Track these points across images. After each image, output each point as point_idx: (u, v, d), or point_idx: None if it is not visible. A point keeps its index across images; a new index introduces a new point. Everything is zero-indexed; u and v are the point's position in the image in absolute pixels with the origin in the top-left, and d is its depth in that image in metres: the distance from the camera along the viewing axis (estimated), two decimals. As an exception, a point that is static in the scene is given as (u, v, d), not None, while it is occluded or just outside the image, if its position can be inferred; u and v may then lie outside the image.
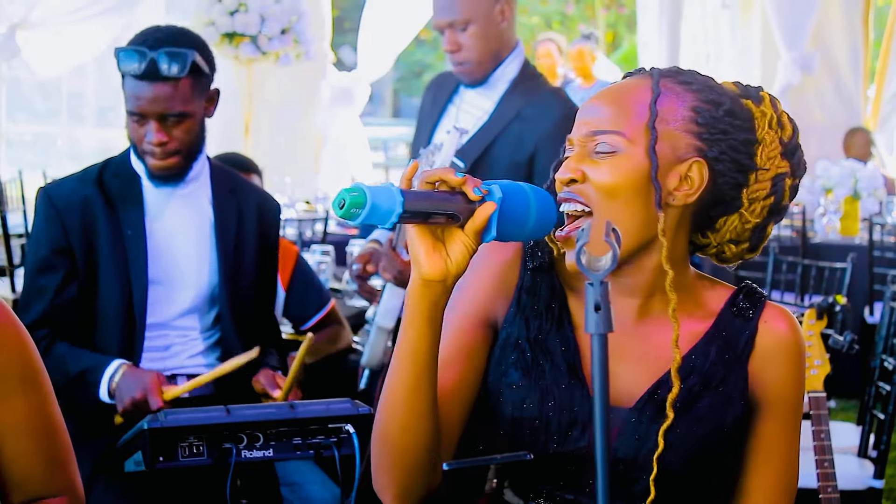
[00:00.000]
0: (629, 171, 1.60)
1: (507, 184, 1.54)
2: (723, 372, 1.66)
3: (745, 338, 1.68)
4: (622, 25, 21.07)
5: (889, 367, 3.63)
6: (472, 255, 1.53)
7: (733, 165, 1.64)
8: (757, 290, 1.72)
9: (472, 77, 3.32)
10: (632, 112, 1.62)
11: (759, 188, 1.66)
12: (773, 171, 1.66)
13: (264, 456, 2.35)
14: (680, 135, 1.62)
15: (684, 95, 1.64)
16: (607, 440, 1.31)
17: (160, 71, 2.73)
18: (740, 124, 1.64)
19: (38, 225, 2.84)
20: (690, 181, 1.62)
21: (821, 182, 6.91)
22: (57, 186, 2.89)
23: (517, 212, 1.53)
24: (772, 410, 1.68)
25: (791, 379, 1.69)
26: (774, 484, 1.69)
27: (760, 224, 1.69)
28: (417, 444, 1.59)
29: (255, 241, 2.95)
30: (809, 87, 9.17)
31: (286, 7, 7.57)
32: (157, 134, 2.75)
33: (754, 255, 1.72)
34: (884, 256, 6.36)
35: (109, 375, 2.72)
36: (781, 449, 1.69)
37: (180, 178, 2.85)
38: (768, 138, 1.66)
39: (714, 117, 1.63)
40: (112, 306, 2.79)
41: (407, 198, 1.45)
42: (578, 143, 1.64)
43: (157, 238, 2.84)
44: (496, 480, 1.67)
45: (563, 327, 1.68)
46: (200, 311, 2.88)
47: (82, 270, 2.79)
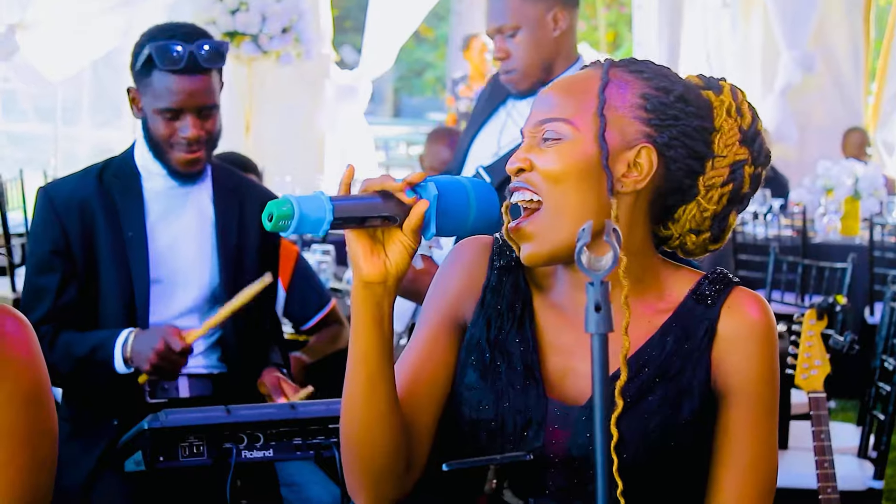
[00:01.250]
0: (575, 157, 1.59)
1: (443, 179, 1.55)
2: (680, 363, 1.62)
3: (704, 326, 1.63)
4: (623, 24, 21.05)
5: (889, 368, 3.63)
6: (412, 253, 1.54)
7: (686, 152, 1.61)
8: (726, 275, 1.67)
9: (519, 86, 3.16)
10: (579, 100, 1.61)
11: (716, 175, 1.63)
12: (730, 158, 1.64)
13: (264, 456, 2.35)
14: (628, 120, 1.60)
15: (634, 83, 1.62)
16: (607, 440, 1.31)
17: (201, 63, 2.73)
18: (693, 111, 1.62)
19: (37, 225, 2.84)
20: (639, 167, 1.60)
21: (821, 182, 6.91)
22: (56, 186, 2.88)
23: (456, 207, 1.53)
24: (737, 399, 1.62)
25: (757, 365, 1.62)
26: (744, 476, 1.62)
27: (720, 213, 1.65)
28: (382, 446, 1.60)
29: (257, 240, 2.95)
30: (810, 87, 9.16)
31: (287, 6, 7.57)
32: (193, 128, 2.75)
33: (719, 245, 1.68)
34: (884, 256, 6.35)
35: (122, 344, 2.70)
36: (750, 439, 1.62)
37: (202, 174, 2.86)
38: (726, 126, 1.64)
39: (664, 103, 1.61)
40: (113, 307, 2.79)
41: (336, 205, 1.46)
42: (528, 135, 1.64)
43: (158, 238, 2.84)
44: (496, 480, 1.67)
45: (523, 327, 1.66)
46: (201, 310, 2.88)
47: (82, 271, 2.79)
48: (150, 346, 2.66)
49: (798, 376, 2.77)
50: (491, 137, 3.30)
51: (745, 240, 6.83)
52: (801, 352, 2.78)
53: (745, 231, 6.85)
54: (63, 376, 2.76)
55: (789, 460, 3.70)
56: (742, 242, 6.81)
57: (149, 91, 2.76)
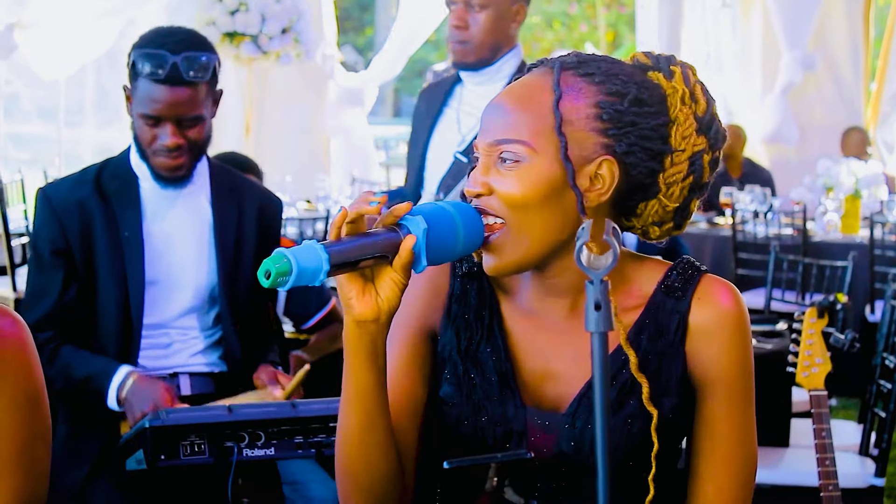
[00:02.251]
0: (535, 182, 1.54)
1: (430, 210, 1.52)
2: (656, 361, 1.60)
3: (676, 320, 1.60)
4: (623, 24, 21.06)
5: (890, 366, 3.62)
6: (403, 289, 1.51)
7: (645, 155, 1.57)
8: (692, 263, 1.65)
9: (467, 59, 3.34)
10: (534, 117, 1.55)
11: (676, 171, 1.59)
12: (689, 150, 1.59)
13: (266, 455, 2.35)
14: (585, 134, 1.55)
15: (586, 90, 1.56)
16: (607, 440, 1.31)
17: (183, 76, 2.72)
18: (649, 110, 1.57)
19: (37, 226, 2.85)
20: (602, 179, 1.56)
21: (822, 180, 6.91)
22: (55, 187, 2.89)
23: (444, 236, 1.52)
24: (714, 390, 1.60)
25: (731, 354, 1.60)
26: (723, 466, 1.60)
27: (682, 205, 1.62)
28: (382, 477, 1.59)
29: (256, 239, 2.95)
30: (810, 86, 9.16)
31: (287, 6, 7.57)
32: (172, 137, 2.75)
33: (681, 231, 1.65)
34: (885, 255, 6.35)
35: (118, 384, 2.70)
36: (728, 429, 1.61)
37: (186, 178, 2.85)
38: (682, 116, 1.59)
39: (619, 111, 1.55)
40: (110, 307, 2.79)
41: (332, 253, 1.45)
42: (483, 152, 1.58)
43: (155, 238, 2.84)
44: (496, 479, 1.67)
45: (493, 336, 1.64)
46: (200, 310, 2.88)
47: (81, 271, 2.79)
48: (142, 406, 2.65)
49: (799, 374, 2.77)
50: (450, 130, 3.41)
51: (746, 238, 6.82)
52: (801, 350, 2.78)
53: (746, 230, 6.85)
54: (57, 390, 2.75)
55: (790, 458, 3.71)
56: (742, 241, 6.81)
57: (135, 95, 2.78)
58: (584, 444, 1.57)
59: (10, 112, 8.02)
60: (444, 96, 3.48)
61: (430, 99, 3.54)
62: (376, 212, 1.49)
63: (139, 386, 2.68)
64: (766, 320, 4.26)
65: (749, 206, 6.97)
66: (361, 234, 1.49)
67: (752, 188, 7.33)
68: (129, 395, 2.68)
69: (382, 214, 1.51)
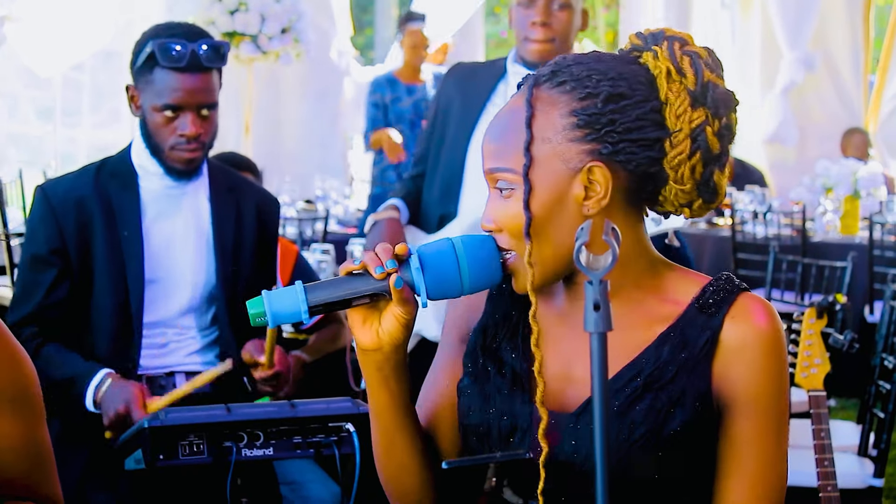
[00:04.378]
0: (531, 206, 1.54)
1: (429, 248, 1.56)
2: (673, 371, 1.56)
3: (705, 336, 1.56)
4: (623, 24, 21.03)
5: (889, 366, 3.63)
6: (407, 323, 1.55)
7: (637, 147, 1.53)
8: (733, 280, 1.60)
9: (544, 57, 3.20)
10: (516, 141, 1.55)
11: (678, 152, 1.54)
12: (686, 128, 1.54)
13: (264, 455, 2.35)
14: (566, 146, 1.53)
15: (559, 101, 1.54)
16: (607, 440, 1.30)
17: (203, 62, 2.75)
18: (628, 103, 1.53)
19: (33, 223, 2.85)
20: (597, 185, 1.53)
21: (821, 181, 6.91)
22: (53, 185, 2.89)
23: (444, 273, 1.55)
24: (743, 410, 1.56)
25: (763, 375, 1.55)
26: (750, 488, 1.58)
27: (700, 180, 1.57)
28: (409, 488, 1.66)
29: (254, 239, 2.95)
30: (810, 87, 9.16)
31: (287, 6, 7.57)
32: (192, 126, 2.77)
33: (716, 204, 1.60)
34: (884, 255, 6.35)
35: (95, 386, 2.71)
36: (757, 450, 1.58)
37: (198, 172, 2.86)
38: (672, 95, 1.54)
39: (594, 114, 1.52)
40: (107, 306, 2.79)
41: (310, 295, 1.53)
42: (488, 181, 1.59)
43: (154, 237, 2.84)
44: (496, 479, 1.67)
45: (516, 335, 1.65)
46: (198, 309, 2.88)
47: (76, 270, 2.79)
48: (114, 405, 2.65)
49: (798, 375, 2.78)
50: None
51: (745, 239, 6.82)
52: (800, 350, 2.78)
53: (745, 230, 6.85)
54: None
55: (789, 458, 3.70)
56: (742, 241, 6.81)
57: (149, 88, 2.77)
58: (583, 446, 1.56)
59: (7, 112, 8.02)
60: (489, 90, 3.35)
61: (468, 85, 3.41)
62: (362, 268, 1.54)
63: (112, 387, 2.68)
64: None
65: (748, 207, 6.97)
66: (350, 276, 1.55)
67: (751, 188, 7.33)
68: (103, 397, 2.68)
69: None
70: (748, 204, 7.02)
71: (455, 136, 3.38)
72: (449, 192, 3.35)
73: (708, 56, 1.58)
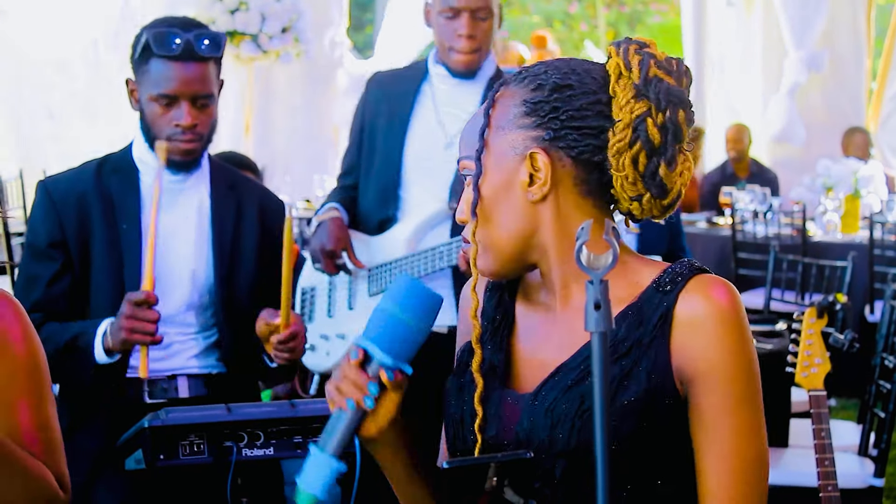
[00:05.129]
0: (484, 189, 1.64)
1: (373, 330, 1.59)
2: (627, 347, 1.59)
3: (660, 312, 1.58)
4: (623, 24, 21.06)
5: (889, 366, 3.63)
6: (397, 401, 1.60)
7: (579, 134, 1.60)
8: (691, 263, 1.63)
9: (472, 66, 3.39)
10: (476, 131, 1.66)
11: (618, 140, 1.60)
12: (626, 117, 1.60)
13: (265, 454, 2.35)
14: (516, 134, 1.63)
15: (514, 93, 1.64)
16: (607, 440, 1.31)
17: (197, 51, 2.75)
18: (574, 93, 1.61)
19: (35, 217, 2.85)
20: (538, 172, 1.62)
21: (822, 180, 6.91)
22: (55, 180, 2.89)
23: (400, 336, 1.59)
24: (707, 384, 1.56)
25: (721, 347, 1.56)
26: (728, 463, 1.56)
27: (645, 172, 1.61)
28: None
29: (256, 238, 2.94)
30: (812, 86, 9.16)
31: (287, 6, 7.57)
32: (187, 116, 2.77)
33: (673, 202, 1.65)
34: (884, 255, 6.35)
35: (102, 334, 2.68)
36: (729, 425, 1.56)
37: (196, 165, 2.86)
38: (618, 89, 1.61)
39: (539, 101, 1.62)
40: (104, 301, 2.78)
41: (328, 448, 1.57)
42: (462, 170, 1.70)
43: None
44: (496, 479, 1.67)
45: (497, 334, 1.72)
46: (198, 307, 2.88)
47: (76, 264, 2.79)
48: (119, 317, 2.64)
49: (798, 374, 2.78)
50: (431, 132, 3.43)
51: (745, 238, 6.83)
52: (801, 350, 2.78)
53: (745, 229, 6.86)
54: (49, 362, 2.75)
55: (790, 458, 3.71)
56: (742, 241, 6.81)
57: (146, 79, 2.78)
58: (538, 423, 1.60)
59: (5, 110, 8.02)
60: (413, 93, 3.47)
61: (392, 91, 3.52)
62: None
63: (115, 321, 2.66)
64: (766, 320, 4.26)
65: (749, 206, 6.97)
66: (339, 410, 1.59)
67: (752, 188, 7.33)
68: (112, 332, 2.66)
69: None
70: (748, 203, 7.03)
71: (386, 142, 3.47)
72: (386, 198, 3.44)
73: (665, 60, 1.64)
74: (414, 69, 3.57)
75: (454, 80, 3.43)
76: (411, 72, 3.56)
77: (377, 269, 3.42)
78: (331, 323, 3.55)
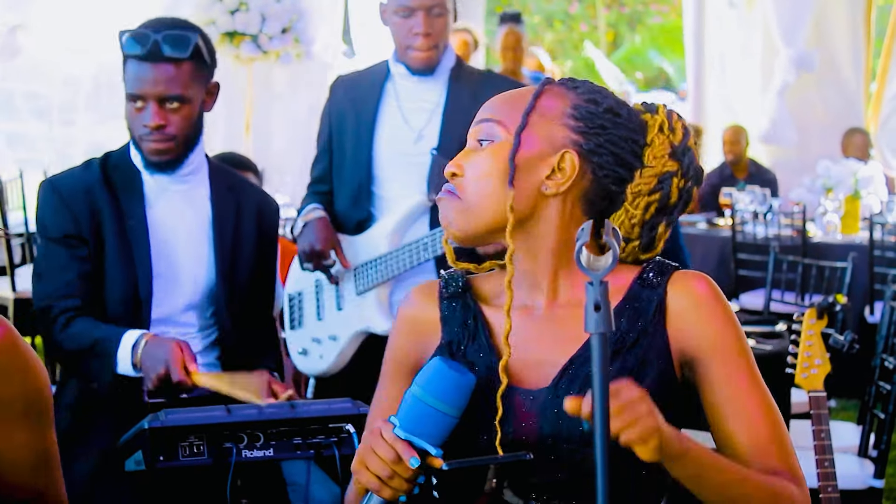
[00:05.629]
0: (500, 157, 1.69)
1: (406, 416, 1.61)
2: (635, 336, 1.69)
3: (654, 304, 1.70)
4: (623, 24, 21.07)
5: (889, 367, 3.63)
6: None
7: (613, 159, 1.70)
8: (667, 263, 1.75)
9: (431, 63, 3.42)
10: (515, 105, 1.72)
11: (643, 182, 1.71)
12: (658, 168, 1.72)
13: (265, 455, 2.35)
14: (557, 126, 1.70)
15: (566, 94, 1.73)
16: (607, 440, 1.32)
17: (163, 52, 2.75)
18: (622, 122, 1.71)
19: (44, 215, 2.84)
20: (563, 171, 1.69)
21: (821, 181, 6.91)
22: (60, 177, 2.90)
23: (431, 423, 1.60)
24: (713, 359, 1.69)
25: (717, 327, 1.69)
26: (751, 416, 1.67)
27: (648, 221, 1.74)
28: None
29: (254, 239, 2.95)
30: (811, 86, 9.15)
31: (287, 6, 7.56)
32: (154, 117, 2.76)
33: (650, 254, 1.76)
34: (884, 256, 6.35)
35: (130, 346, 2.66)
36: (745, 387, 1.68)
37: (175, 166, 2.84)
38: (657, 141, 1.73)
39: (592, 113, 1.70)
40: (117, 296, 2.79)
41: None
42: (470, 136, 1.74)
43: (157, 232, 2.84)
44: (496, 480, 1.67)
45: (478, 337, 1.75)
46: (199, 308, 2.88)
47: (93, 256, 2.79)
48: (156, 368, 2.60)
49: (798, 375, 2.77)
50: (398, 128, 3.45)
51: (745, 239, 6.83)
52: (801, 351, 2.78)
53: (745, 230, 6.86)
54: (72, 361, 2.75)
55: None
56: (742, 242, 6.81)
57: (124, 79, 2.80)
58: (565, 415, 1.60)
59: (6, 111, 8.02)
60: (377, 93, 3.50)
61: (356, 94, 3.56)
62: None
63: (151, 347, 2.64)
64: (766, 321, 4.26)
65: (749, 207, 6.97)
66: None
67: (752, 189, 7.33)
68: (142, 358, 2.64)
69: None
70: (748, 204, 7.03)
71: (355, 144, 3.50)
72: (360, 199, 3.48)
73: (695, 135, 1.78)
74: (376, 70, 3.59)
75: (415, 78, 3.46)
76: (373, 73, 3.58)
77: (362, 267, 3.44)
78: (321, 325, 3.56)
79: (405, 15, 3.38)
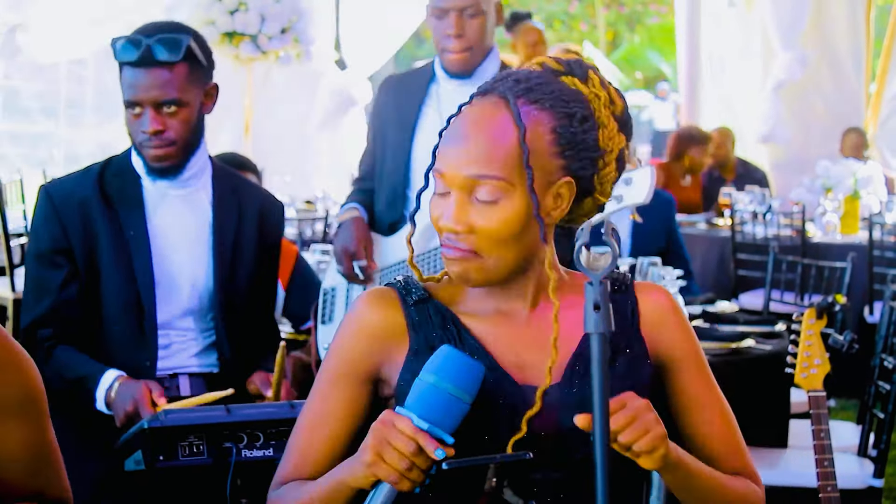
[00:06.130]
0: (515, 217, 1.65)
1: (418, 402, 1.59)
2: (624, 339, 1.74)
3: (629, 307, 1.76)
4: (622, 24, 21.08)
5: (889, 367, 3.63)
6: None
7: (589, 163, 1.70)
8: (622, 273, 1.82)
9: (466, 66, 3.39)
10: (504, 151, 1.64)
11: (609, 171, 1.71)
12: (615, 149, 1.71)
13: (264, 455, 2.35)
14: (548, 160, 1.66)
15: (541, 117, 1.66)
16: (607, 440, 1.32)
17: (156, 56, 2.73)
18: (590, 125, 1.69)
19: (37, 223, 2.84)
20: (561, 198, 1.69)
21: (821, 181, 6.91)
22: (57, 185, 2.88)
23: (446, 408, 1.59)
24: (688, 366, 1.77)
25: (687, 334, 1.79)
26: (720, 421, 1.77)
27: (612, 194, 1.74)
28: None
29: (255, 243, 2.94)
30: (811, 86, 9.15)
31: (286, 6, 7.57)
32: (152, 122, 2.75)
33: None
34: (884, 256, 6.35)
35: (105, 388, 2.71)
36: (708, 392, 1.78)
37: (177, 171, 2.83)
38: (605, 119, 1.71)
39: (572, 132, 1.67)
40: (118, 306, 2.79)
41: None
42: (457, 186, 1.66)
43: (157, 238, 2.84)
44: (496, 480, 1.67)
45: (464, 339, 1.72)
46: (198, 312, 2.88)
47: (83, 271, 2.79)
48: (124, 406, 2.65)
49: (798, 375, 2.77)
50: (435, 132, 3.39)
51: (745, 239, 6.83)
52: (800, 351, 2.78)
53: (745, 230, 6.85)
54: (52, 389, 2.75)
55: (789, 459, 3.71)
56: (741, 242, 6.81)
57: (122, 86, 2.79)
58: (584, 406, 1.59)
59: (9, 109, 8.02)
60: (421, 95, 3.49)
61: (400, 94, 3.55)
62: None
63: (121, 388, 2.69)
64: (765, 321, 4.26)
65: (748, 207, 6.97)
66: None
67: (751, 189, 7.33)
68: (114, 398, 2.69)
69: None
70: (748, 204, 7.02)
71: (395, 144, 3.49)
72: (395, 200, 3.47)
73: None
74: (422, 71, 3.58)
75: (455, 81, 3.44)
76: (420, 74, 3.58)
77: (387, 269, 3.45)
78: None
79: (439, 16, 3.37)
